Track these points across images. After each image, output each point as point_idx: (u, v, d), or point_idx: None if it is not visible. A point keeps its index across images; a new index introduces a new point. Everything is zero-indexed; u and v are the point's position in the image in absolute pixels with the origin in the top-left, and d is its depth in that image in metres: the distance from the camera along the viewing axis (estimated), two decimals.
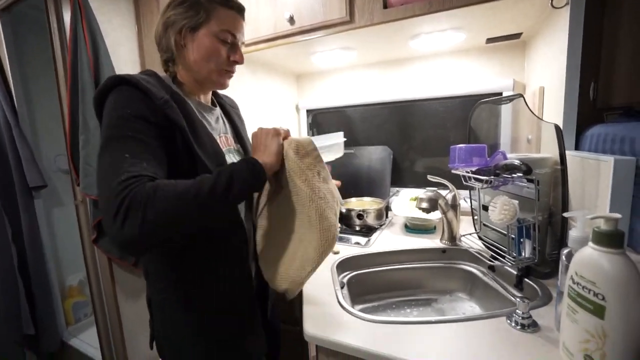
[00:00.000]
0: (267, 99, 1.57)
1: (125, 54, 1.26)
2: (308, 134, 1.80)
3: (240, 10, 0.69)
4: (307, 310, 0.72)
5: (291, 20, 1.16)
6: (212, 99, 0.79)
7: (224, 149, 0.69)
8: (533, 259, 0.75)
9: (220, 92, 0.84)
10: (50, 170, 1.76)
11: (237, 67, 0.72)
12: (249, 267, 0.70)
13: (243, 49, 0.72)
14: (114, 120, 0.54)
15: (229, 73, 0.71)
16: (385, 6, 1.02)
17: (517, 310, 0.62)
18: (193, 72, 0.68)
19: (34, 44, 1.66)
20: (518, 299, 0.62)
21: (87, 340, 1.62)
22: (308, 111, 1.79)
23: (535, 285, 0.76)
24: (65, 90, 1.18)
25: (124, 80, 0.57)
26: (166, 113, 0.57)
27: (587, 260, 0.46)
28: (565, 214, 0.59)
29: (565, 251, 0.56)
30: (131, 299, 1.34)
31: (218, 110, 0.78)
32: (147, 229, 0.46)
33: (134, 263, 1.30)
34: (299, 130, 1.83)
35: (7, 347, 1.49)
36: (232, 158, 0.72)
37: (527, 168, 0.71)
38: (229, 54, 0.68)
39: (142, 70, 0.66)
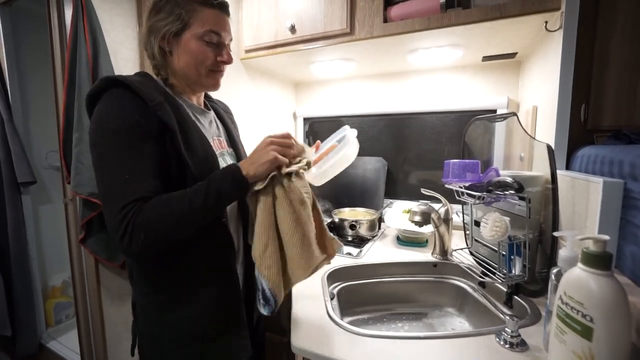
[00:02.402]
0: (265, 105, 1.57)
1: (125, 53, 1.25)
2: (305, 142, 1.80)
3: (223, 7, 0.66)
4: (296, 321, 0.71)
5: (292, 29, 1.17)
6: (205, 102, 0.78)
7: (217, 152, 0.69)
8: (523, 276, 0.75)
9: (216, 97, 0.84)
10: (41, 167, 1.73)
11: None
12: (235, 269, 0.69)
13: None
14: (108, 134, 0.55)
15: (220, 73, 0.70)
16: (385, 20, 1.04)
17: (506, 329, 0.62)
18: (183, 77, 0.67)
19: (33, 39, 1.65)
20: (507, 317, 0.62)
21: (66, 344, 1.56)
22: (305, 119, 1.80)
23: (524, 303, 0.76)
24: (61, 87, 1.17)
25: (118, 82, 0.57)
26: (158, 115, 0.57)
27: (575, 281, 0.46)
28: (555, 234, 0.59)
29: (554, 270, 0.57)
30: (117, 302, 1.30)
31: (212, 113, 0.78)
32: (148, 245, 0.54)
33: (122, 265, 1.27)
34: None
35: None
36: (226, 161, 0.72)
37: (519, 186, 0.72)
38: (215, 55, 0.67)
39: (136, 72, 0.65)
